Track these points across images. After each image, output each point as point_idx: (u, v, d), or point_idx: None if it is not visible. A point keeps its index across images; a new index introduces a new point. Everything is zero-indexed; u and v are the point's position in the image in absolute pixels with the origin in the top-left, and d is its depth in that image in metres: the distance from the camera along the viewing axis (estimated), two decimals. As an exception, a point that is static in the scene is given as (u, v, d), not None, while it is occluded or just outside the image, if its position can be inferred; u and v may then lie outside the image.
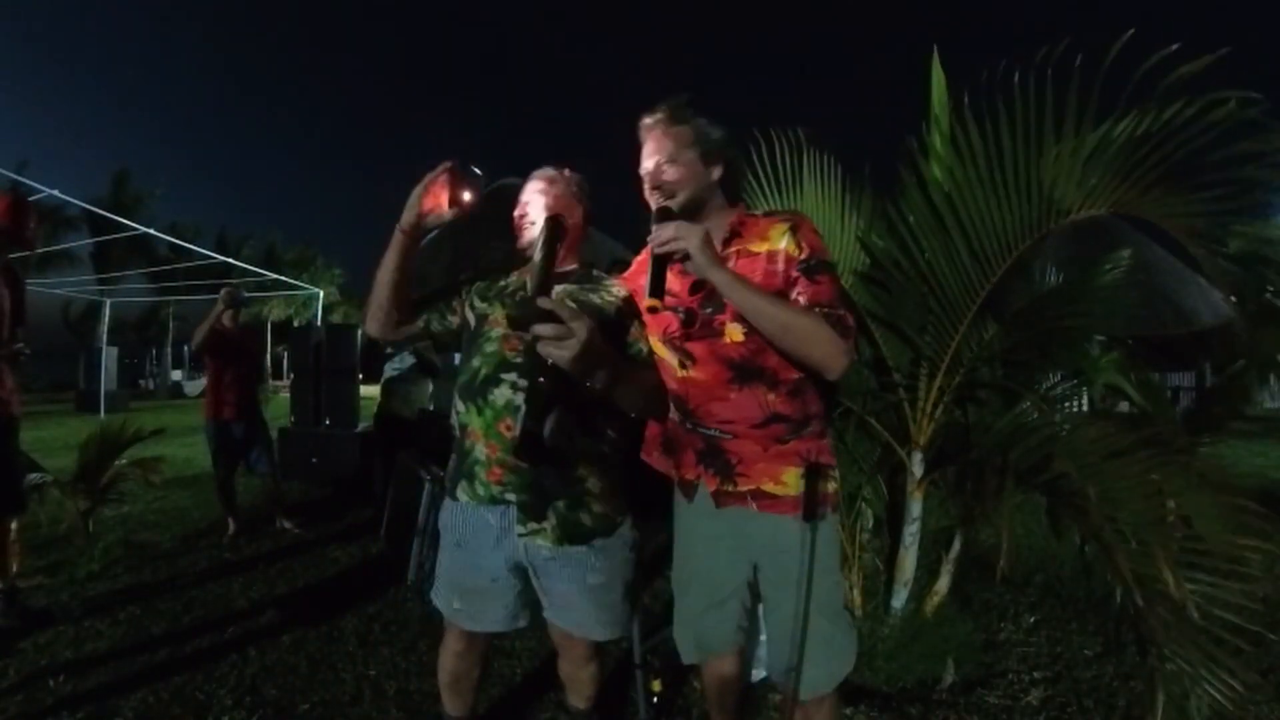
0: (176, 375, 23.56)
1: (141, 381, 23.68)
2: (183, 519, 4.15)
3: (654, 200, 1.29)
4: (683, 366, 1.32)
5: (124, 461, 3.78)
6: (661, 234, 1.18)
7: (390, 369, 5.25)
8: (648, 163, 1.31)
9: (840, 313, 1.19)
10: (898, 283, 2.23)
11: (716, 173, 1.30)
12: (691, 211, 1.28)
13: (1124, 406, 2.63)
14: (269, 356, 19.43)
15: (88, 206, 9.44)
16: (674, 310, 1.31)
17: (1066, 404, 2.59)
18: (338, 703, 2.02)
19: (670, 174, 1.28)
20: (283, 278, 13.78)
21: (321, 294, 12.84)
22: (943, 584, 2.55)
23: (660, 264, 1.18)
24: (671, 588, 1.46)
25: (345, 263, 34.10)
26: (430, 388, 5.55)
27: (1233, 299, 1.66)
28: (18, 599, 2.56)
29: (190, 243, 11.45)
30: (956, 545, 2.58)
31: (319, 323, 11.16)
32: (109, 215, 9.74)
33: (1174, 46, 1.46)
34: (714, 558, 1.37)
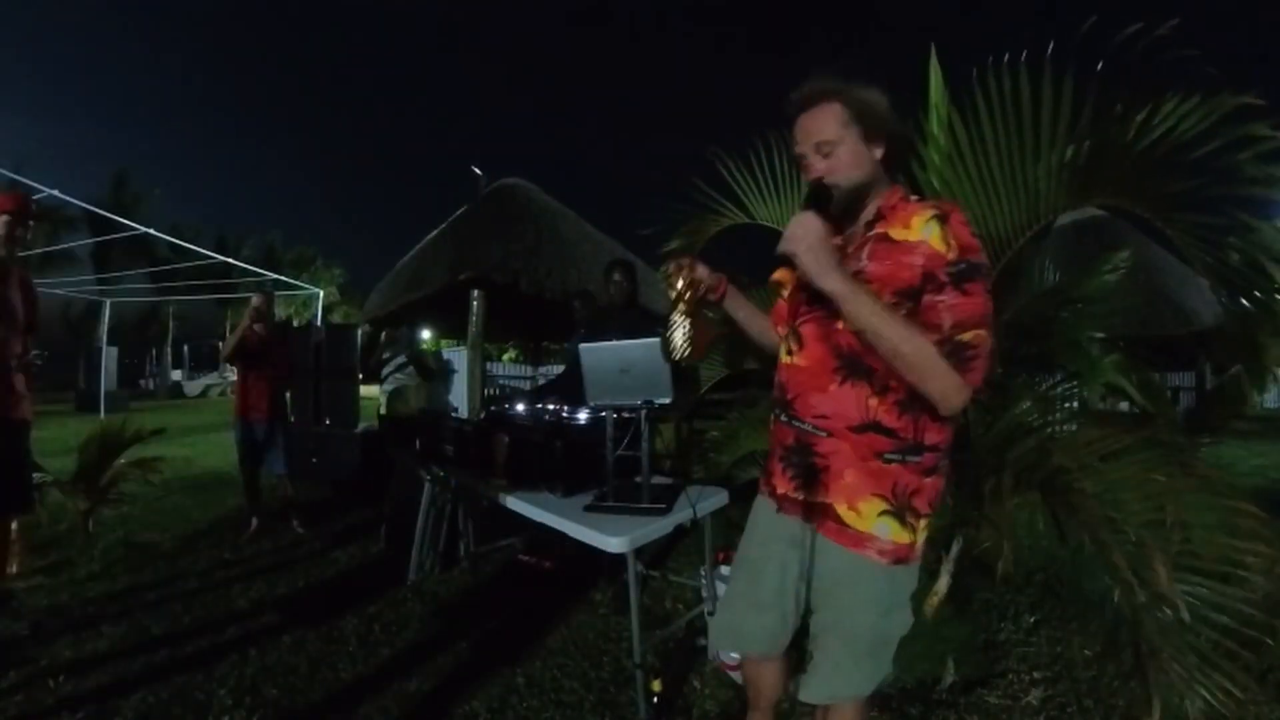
0: (176, 375, 23.60)
1: (141, 381, 23.70)
2: (183, 519, 4.15)
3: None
4: (789, 353, 1.24)
5: (124, 461, 3.79)
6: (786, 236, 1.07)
7: (394, 379, 5.36)
8: (803, 146, 1.17)
9: (968, 339, 1.04)
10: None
11: (879, 150, 1.16)
12: (856, 199, 1.17)
13: (1124, 406, 2.62)
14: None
15: (88, 206, 9.42)
16: (803, 289, 1.21)
17: (1066, 404, 2.59)
18: (338, 703, 2.02)
19: (828, 160, 1.14)
20: (283, 278, 13.76)
21: (321, 294, 12.83)
22: (942, 584, 2.54)
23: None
24: (671, 588, 1.45)
25: (345, 263, 34.18)
26: (426, 389, 5.61)
27: (1224, 296, 1.65)
28: (17, 599, 2.57)
29: (190, 243, 11.42)
30: (956, 545, 2.58)
31: (319, 323, 11.16)
32: (109, 215, 9.73)
33: (1161, 32, 1.44)
34: (765, 559, 1.30)
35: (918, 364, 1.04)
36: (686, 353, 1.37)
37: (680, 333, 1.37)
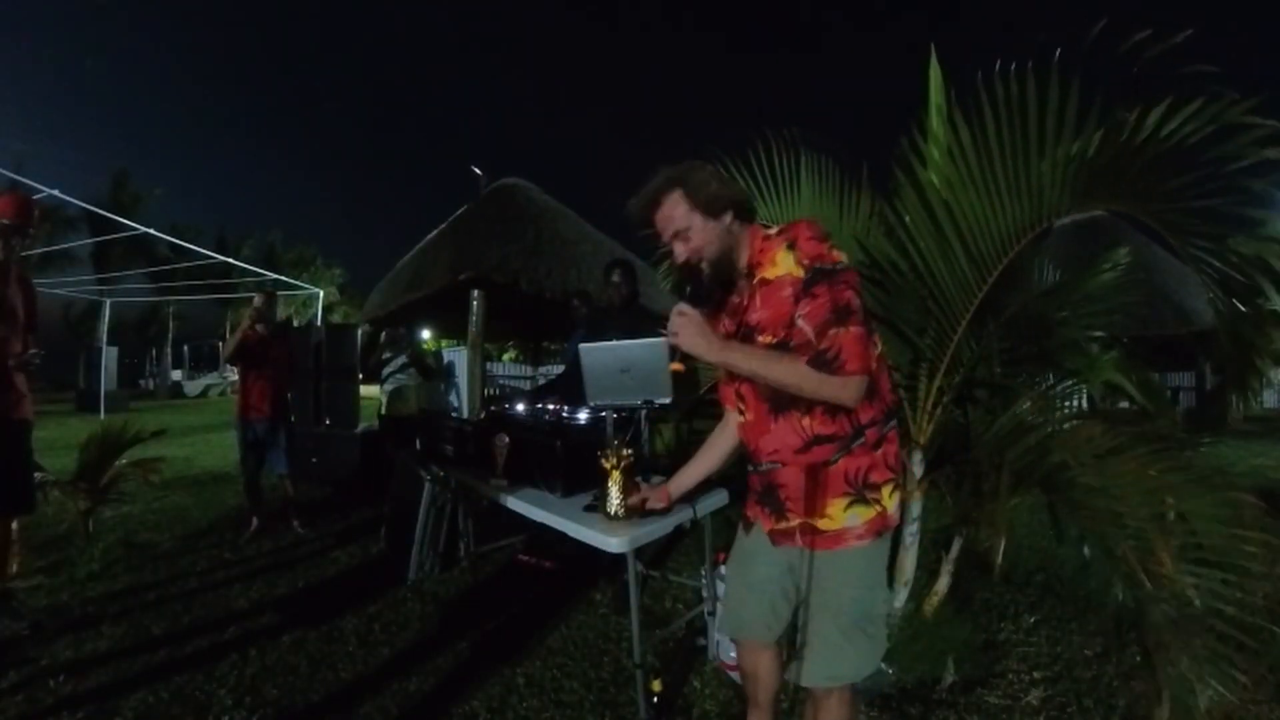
0: (176, 375, 23.59)
1: (141, 381, 23.71)
2: (183, 519, 4.15)
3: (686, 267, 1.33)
4: (741, 414, 1.40)
5: (124, 461, 3.79)
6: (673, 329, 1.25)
7: (394, 379, 5.38)
8: (665, 237, 1.33)
9: (827, 345, 1.16)
10: (896, 283, 2.23)
11: (727, 217, 1.29)
12: (726, 263, 1.32)
13: (1123, 406, 2.63)
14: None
15: (88, 206, 9.43)
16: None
17: (1066, 403, 2.59)
18: (338, 703, 2.02)
19: (688, 244, 1.29)
20: (283, 278, 13.76)
21: (321, 294, 12.83)
22: (942, 584, 2.54)
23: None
24: (671, 588, 1.47)
25: (345, 263, 34.17)
26: (426, 389, 5.63)
27: (1225, 300, 1.65)
28: (17, 599, 2.56)
29: (190, 243, 11.42)
30: (956, 545, 2.58)
31: (319, 323, 11.15)
32: (109, 215, 9.73)
33: (1146, 33, 1.44)
34: (755, 550, 1.43)
35: (799, 385, 1.19)
36: (621, 513, 1.80)
37: (615, 491, 1.81)
